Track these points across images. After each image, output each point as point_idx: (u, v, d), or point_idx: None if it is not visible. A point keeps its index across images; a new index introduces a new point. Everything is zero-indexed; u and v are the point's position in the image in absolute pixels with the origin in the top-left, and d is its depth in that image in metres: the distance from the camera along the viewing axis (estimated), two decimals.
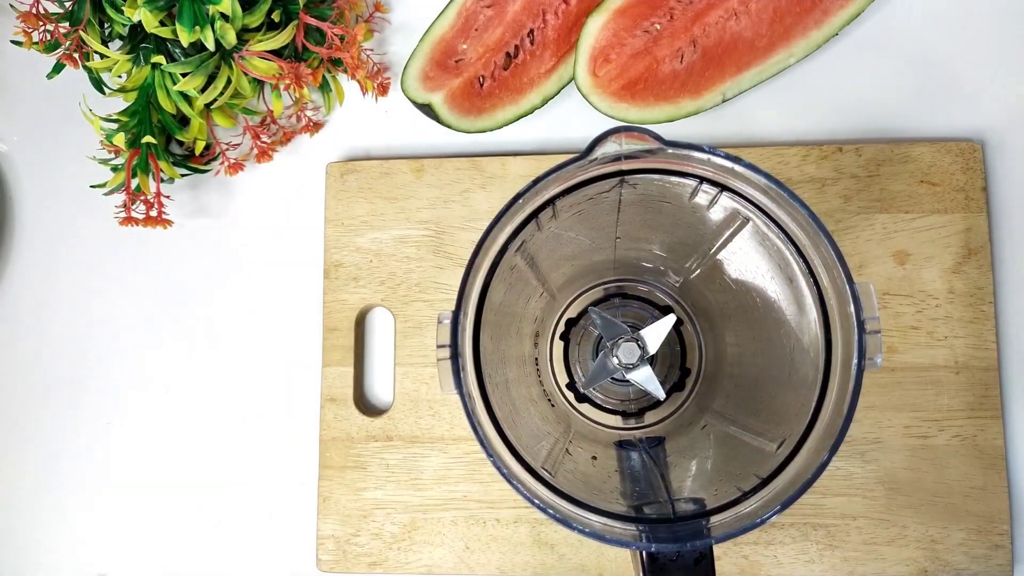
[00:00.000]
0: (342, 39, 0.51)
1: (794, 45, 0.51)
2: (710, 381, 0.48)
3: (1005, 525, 0.48)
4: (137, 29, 0.51)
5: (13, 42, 0.52)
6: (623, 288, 0.50)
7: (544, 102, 0.53)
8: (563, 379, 0.50)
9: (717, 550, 0.45)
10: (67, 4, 0.51)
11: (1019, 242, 0.51)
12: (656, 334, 0.42)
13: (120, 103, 0.53)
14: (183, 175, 0.54)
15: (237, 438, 0.53)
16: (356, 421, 0.51)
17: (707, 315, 0.49)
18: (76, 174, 0.56)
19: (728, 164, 0.35)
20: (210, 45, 0.48)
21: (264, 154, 0.54)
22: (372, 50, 0.56)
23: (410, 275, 0.52)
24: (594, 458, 0.44)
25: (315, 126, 0.55)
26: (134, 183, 0.51)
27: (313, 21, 0.50)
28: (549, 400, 0.49)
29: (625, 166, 0.36)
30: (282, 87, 0.51)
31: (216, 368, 0.54)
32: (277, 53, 0.50)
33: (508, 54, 0.52)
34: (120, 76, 0.52)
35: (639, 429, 0.49)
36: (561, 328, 0.50)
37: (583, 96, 0.51)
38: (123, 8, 0.49)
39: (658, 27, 0.51)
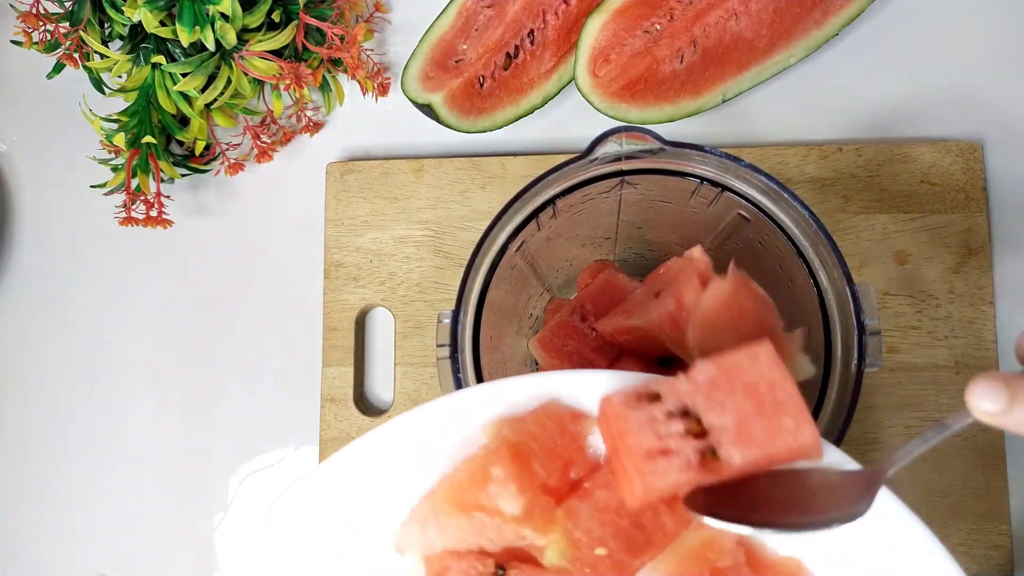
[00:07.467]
0: (342, 39, 0.51)
1: (794, 45, 0.51)
2: None
3: (1005, 525, 0.48)
4: (137, 29, 0.51)
5: (13, 42, 0.52)
6: None
7: (544, 102, 0.53)
8: None
9: None
10: (67, 4, 0.51)
11: (1019, 242, 0.51)
12: None
13: (120, 103, 0.53)
14: (183, 175, 0.54)
15: (237, 438, 0.53)
16: (356, 421, 0.51)
17: None
18: (76, 174, 0.56)
19: (728, 164, 0.35)
20: (210, 45, 0.48)
21: (264, 154, 0.54)
22: (372, 50, 0.56)
23: (410, 275, 0.52)
24: None
25: (315, 126, 0.55)
26: (134, 183, 0.51)
27: (313, 21, 0.50)
28: None
29: (625, 166, 0.36)
30: (282, 87, 0.51)
31: (216, 367, 0.54)
32: (277, 53, 0.50)
33: (508, 54, 0.52)
34: (120, 76, 0.52)
35: None
36: None
37: (583, 96, 0.51)
38: (123, 8, 0.49)
39: (658, 27, 0.51)
